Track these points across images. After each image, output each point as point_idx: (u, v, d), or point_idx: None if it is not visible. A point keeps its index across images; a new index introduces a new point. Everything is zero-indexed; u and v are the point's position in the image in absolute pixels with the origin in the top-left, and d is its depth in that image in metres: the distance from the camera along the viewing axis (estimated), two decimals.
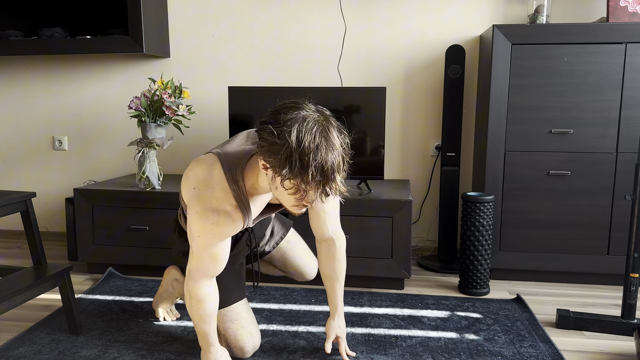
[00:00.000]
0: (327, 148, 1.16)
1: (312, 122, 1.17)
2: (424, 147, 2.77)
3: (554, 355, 1.67)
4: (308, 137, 1.15)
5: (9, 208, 1.73)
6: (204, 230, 1.38)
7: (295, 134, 1.15)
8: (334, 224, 1.61)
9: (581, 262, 2.30)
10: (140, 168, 2.36)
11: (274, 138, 1.16)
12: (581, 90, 2.21)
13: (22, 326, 1.91)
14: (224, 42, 2.83)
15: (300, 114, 1.18)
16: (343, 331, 1.67)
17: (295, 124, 1.16)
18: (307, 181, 1.15)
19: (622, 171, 2.23)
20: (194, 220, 1.38)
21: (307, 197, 1.19)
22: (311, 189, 1.17)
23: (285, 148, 1.14)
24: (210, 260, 1.44)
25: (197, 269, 1.45)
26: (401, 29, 2.70)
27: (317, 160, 1.15)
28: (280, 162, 1.15)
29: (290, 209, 1.28)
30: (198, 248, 1.42)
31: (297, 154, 1.14)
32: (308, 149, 1.14)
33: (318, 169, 1.15)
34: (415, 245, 2.85)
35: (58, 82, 3.01)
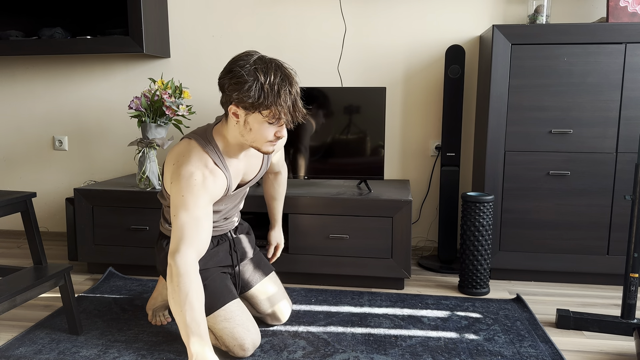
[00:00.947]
0: (287, 77, 1.44)
1: (267, 61, 1.44)
2: (424, 147, 2.77)
3: (554, 355, 1.68)
4: (271, 71, 1.42)
5: (9, 208, 1.73)
6: (189, 188, 1.45)
7: (262, 73, 1.41)
8: (282, 159, 1.93)
9: (581, 262, 2.30)
10: (141, 168, 2.37)
11: (243, 79, 1.40)
12: (581, 90, 2.21)
13: (22, 326, 1.91)
14: (224, 42, 2.83)
15: (256, 60, 1.44)
16: (282, 240, 2.04)
17: (258, 66, 1.42)
18: (280, 103, 1.41)
19: (622, 171, 2.24)
20: (179, 184, 1.46)
21: (281, 120, 1.44)
22: (284, 111, 1.43)
23: (257, 83, 1.40)
24: (195, 225, 1.44)
25: (182, 238, 1.42)
26: (401, 29, 2.70)
27: (285, 86, 1.42)
28: (256, 95, 1.40)
29: (264, 146, 1.50)
30: (183, 212, 1.44)
31: (268, 84, 1.40)
32: (275, 80, 1.41)
33: (287, 92, 1.42)
34: (415, 245, 2.85)
35: (58, 82, 3.01)
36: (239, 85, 1.41)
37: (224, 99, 1.48)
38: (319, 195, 2.24)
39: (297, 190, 2.36)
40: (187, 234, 1.43)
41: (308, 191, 2.34)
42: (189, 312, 1.38)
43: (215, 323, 1.63)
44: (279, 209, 2.01)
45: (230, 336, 1.62)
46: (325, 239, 2.24)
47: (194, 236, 1.44)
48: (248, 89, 1.40)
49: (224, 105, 1.49)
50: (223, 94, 1.48)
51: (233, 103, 1.44)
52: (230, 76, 1.43)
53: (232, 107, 1.45)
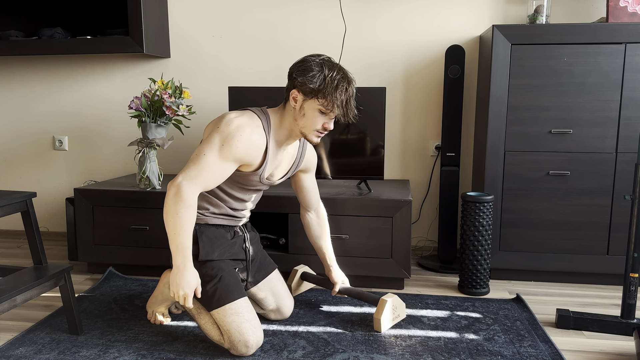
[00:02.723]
0: (347, 77, 1.63)
1: (333, 61, 1.64)
2: (424, 147, 2.77)
3: (554, 355, 1.68)
4: (335, 70, 1.61)
5: (9, 208, 1.73)
6: (232, 139, 1.57)
7: (327, 67, 1.60)
8: (318, 195, 2.00)
9: (581, 262, 2.30)
10: (141, 168, 2.37)
11: (311, 67, 1.59)
12: (581, 90, 2.21)
13: (22, 326, 1.91)
14: (224, 42, 2.84)
15: (325, 58, 1.63)
16: (346, 279, 2.02)
17: (326, 63, 1.61)
18: (335, 96, 1.58)
19: (621, 171, 2.24)
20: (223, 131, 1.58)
21: (333, 112, 1.61)
22: (337, 104, 1.59)
23: (321, 73, 1.59)
24: (216, 171, 1.57)
25: (199, 175, 1.55)
26: (401, 29, 2.70)
27: (344, 84, 1.60)
28: (317, 83, 1.58)
29: (311, 135, 1.65)
30: (213, 155, 1.56)
31: (329, 77, 1.58)
32: (337, 75, 1.60)
33: (344, 88, 1.60)
34: (415, 245, 2.85)
35: (58, 82, 3.01)
36: (306, 71, 1.60)
37: (288, 84, 1.65)
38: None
39: None
40: (206, 174, 1.56)
41: None
42: (182, 236, 1.54)
43: (225, 316, 1.64)
44: (329, 248, 2.02)
45: (237, 330, 1.62)
46: None
47: (210, 179, 1.57)
48: (312, 76, 1.58)
49: (287, 90, 1.66)
50: (289, 80, 1.65)
51: (296, 87, 1.61)
52: (300, 64, 1.62)
53: (294, 92, 1.62)
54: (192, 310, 1.74)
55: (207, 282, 1.68)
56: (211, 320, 1.69)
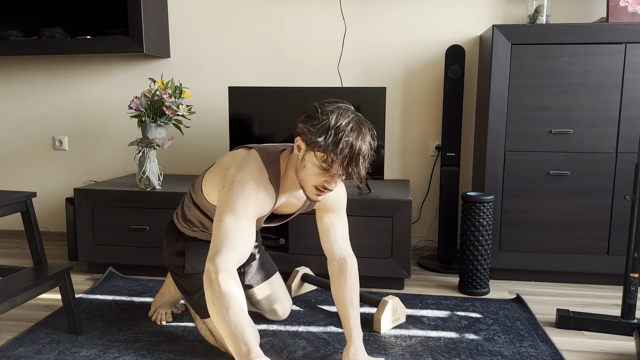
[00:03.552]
0: (359, 134, 1.34)
1: (350, 113, 1.38)
2: (424, 147, 2.77)
3: (554, 355, 1.68)
4: (345, 120, 1.34)
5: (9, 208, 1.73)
6: (242, 195, 1.38)
7: (335, 116, 1.34)
8: (345, 241, 1.64)
9: (581, 262, 2.30)
10: (141, 168, 2.37)
11: (316, 114, 1.36)
12: (581, 90, 2.21)
13: (22, 326, 1.91)
14: (224, 42, 2.83)
15: (341, 106, 1.38)
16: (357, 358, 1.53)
17: (337, 110, 1.36)
18: (336, 152, 1.32)
19: (622, 171, 2.24)
20: (232, 189, 1.39)
21: (332, 171, 1.34)
22: (337, 162, 1.32)
23: (325, 123, 1.34)
24: (240, 232, 1.34)
25: (225, 243, 1.31)
26: (401, 29, 2.70)
27: (349, 138, 1.32)
28: (317, 133, 1.33)
29: (310, 191, 1.41)
30: (230, 218, 1.35)
31: (334, 129, 1.32)
32: (343, 128, 1.33)
33: (348, 144, 1.32)
34: (415, 245, 2.85)
35: (58, 82, 3.01)
36: (310, 118, 1.37)
37: (296, 131, 1.44)
38: None
39: None
40: (232, 239, 1.33)
41: None
42: (233, 318, 1.23)
43: (214, 326, 1.63)
44: (353, 316, 1.59)
45: None
46: None
47: (239, 242, 1.34)
48: (315, 124, 1.34)
49: (295, 135, 1.44)
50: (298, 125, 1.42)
51: (300, 134, 1.39)
52: (310, 108, 1.40)
53: (298, 139, 1.40)
54: (191, 312, 1.74)
55: (195, 291, 1.66)
56: (205, 324, 1.68)
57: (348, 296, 1.60)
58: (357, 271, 1.64)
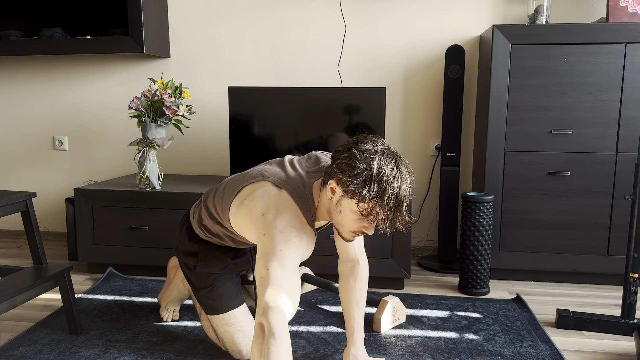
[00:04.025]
0: (402, 179, 1.28)
1: (389, 155, 1.30)
2: (424, 147, 2.77)
3: (554, 355, 1.68)
4: (387, 167, 1.27)
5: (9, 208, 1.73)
6: (288, 243, 1.27)
7: (377, 162, 1.27)
8: (360, 244, 1.63)
9: (581, 262, 2.30)
10: (141, 168, 2.37)
11: (356, 162, 1.27)
12: (581, 90, 2.21)
13: (22, 326, 1.91)
14: (224, 42, 2.84)
15: (377, 147, 1.30)
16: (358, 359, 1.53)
17: (377, 156, 1.28)
18: (381, 205, 1.26)
19: (622, 171, 2.24)
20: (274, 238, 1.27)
21: (375, 222, 1.31)
22: (383, 214, 1.28)
23: (367, 172, 1.26)
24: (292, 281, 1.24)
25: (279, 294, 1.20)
26: (401, 29, 2.70)
27: (394, 188, 1.26)
28: (361, 185, 1.26)
29: (346, 234, 1.36)
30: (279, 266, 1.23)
31: (377, 179, 1.26)
32: (387, 177, 1.26)
33: (393, 195, 1.26)
34: (415, 245, 2.85)
35: (58, 82, 3.01)
36: (349, 167, 1.28)
37: (329, 170, 1.34)
38: None
39: None
40: (284, 292, 1.21)
41: None
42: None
43: (218, 325, 1.64)
44: (357, 318, 1.59)
45: (230, 341, 1.63)
46: (325, 238, 2.24)
47: (291, 291, 1.23)
48: (356, 175, 1.27)
49: (326, 175, 1.35)
50: (331, 165, 1.33)
51: (335, 179, 1.31)
52: (346, 154, 1.30)
53: (333, 183, 1.32)
54: (196, 308, 1.74)
55: (202, 288, 1.65)
56: (209, 322, 1.69)
57: (355, 297, 1.60)
58: (367, 274, 1.64)
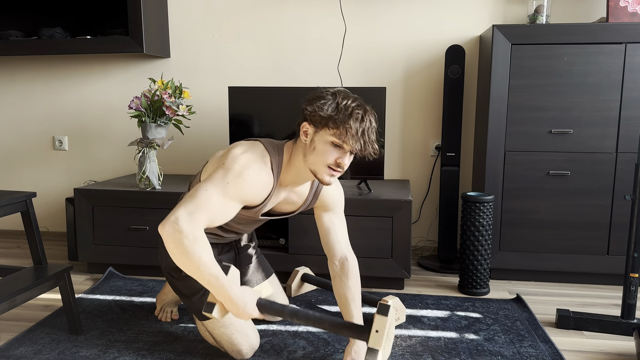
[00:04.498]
0: (365, 110, 1.43)
1: (350, 93, 1.46)
2: (424, 147, 2.77)
3: (554, 355, 1.68)
4: (351, 99, 1.43)
5: (9, 208, 1.73)
6: (238, 180, 1.40)
7: (342, 95, 1.43)
8: (345, 240, 1.69)
9: (581, 262, 2.30)
10: (141, 168, 2.37)
11: (322, 95, 1.43)
12: (581, 90, 2.21)
13: (22, 326, 1.91)
14: (224, 42, 2.83)
15: (343, 89, 1.47)
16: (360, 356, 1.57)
17: (342, 92, 1.45)
18: (349, 124, 1.39)
19: (622, 171, 2.24)
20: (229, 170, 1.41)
21: (346, 144, 1.40)
22: (351, 134, 1.39)
23: (333, 101, 1.41)
24: (221, 207, 1.38)
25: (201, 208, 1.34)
26: (401, 29, 2.70)
27: (359, 113, 1.41)
28: (329, 110, 1.40)
29: (322, 172, 1.44)
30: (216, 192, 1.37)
31: (343, 105, 1.40)
32: (351, 102, 1.42)
33: (359, 116, 1.40)
34: (415, 245, 2.85)
35: (58, 82, 3.01)
36: (316, 100, 1.43)
37: (300, 119, 1.48)
38: None
39: None
40: (208, 211, 1.36)
41: None
42: (206, 271, 1.33)
43: (215, 328, 1.62)
44: (356, 314, 1.64)
45: (228, 342, 1.62)
46: None
47: (214, 214, 1.38)
48: (323, 103, 1.41)
49: (298, 125, 1.49)
50: (301, 115, 1.48)
51: (307, 119, 1.45)
52: (311, 96, 1.46)
53: (305, 125, 1.45)
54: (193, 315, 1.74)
55: (193, 294, 1.65)
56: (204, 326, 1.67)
57: (350, 295, 1.64)
58: (358, 269, 1.68)
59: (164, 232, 1.32)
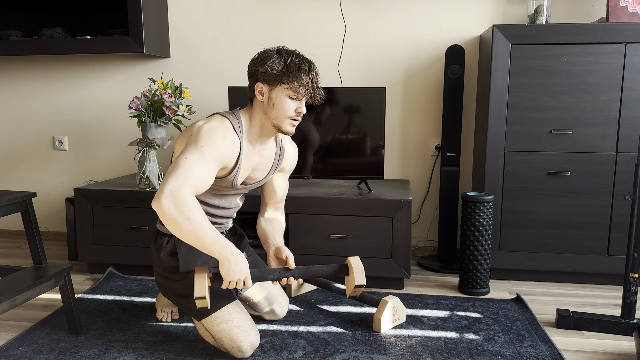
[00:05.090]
0: (309, 61, 1.60)
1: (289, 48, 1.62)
2: (424, 147, 2.77)
3: (554, 355, 1.68)
4: (294, 54, 1.59)
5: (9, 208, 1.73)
6: (209, 140, 1.52)
7: (286, 53, 1.59)
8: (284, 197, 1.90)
9: (581, 262, 2.30)
10: (141, 168, 2.37)
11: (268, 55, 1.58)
12: (581, 90, 2.21)
13: (22, 326, 1.91)
14: (224, 42, 2.84)
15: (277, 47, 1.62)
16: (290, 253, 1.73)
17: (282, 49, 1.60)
18: (300, 77, 1.56)
19: (622, 171, 2.24)
20: (198, 136, 1.53)
21: (300, 95, 1.58)
22: (303, 84, 1.56)
23: (281, 59, 1.57)
24: (203, 170, 1.49)
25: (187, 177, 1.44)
26: (401, 29, 2.70)
27: (305, 65, 1.58)
28: (279, 67, 1.56)
29: (285, 124, 1.61)
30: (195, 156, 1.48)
31: (290, 61, 1.56)
32: (297, 60, 1.57)
33: (307, 69, 1.57)
34: (415, 245, 2.85)
35: (58, 82, 3.01)
36: (265, 60, 1.57)
37: (250, 81, 1.62)
38: (319, 195, 2.24)
39: (297, 190, 2.36)
40: (195, 175, 1.46)
41: (308, 191, 2.34)
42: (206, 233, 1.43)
43: (214, 325, 1.62)
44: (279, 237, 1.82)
45: (228, 339, 1.61)
46: (325, 239, 2.24)
47: (199, 178, 1.48)
48: (272, 62, 1.56)
49: (250, 87, 1.63)
50: (250, 77, 1.62)
51: (259, 80, 1.59)
52: (257, 58, 1.60)
53: (259, 85, 1.60)
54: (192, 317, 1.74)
55: (191, 293, 1.66)
56: (204, 326, 1.67)
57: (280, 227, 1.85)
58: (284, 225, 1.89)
59: (161, 205, 1.39)
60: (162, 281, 1.74)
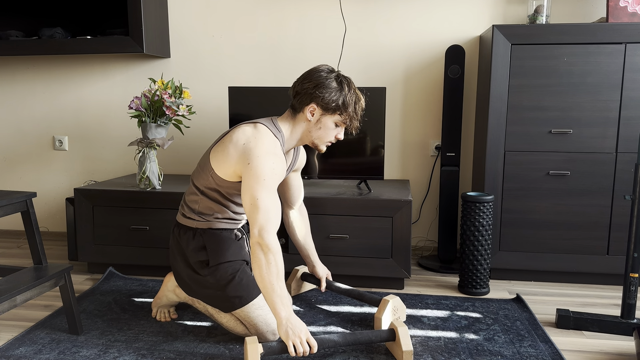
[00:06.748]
0: (359, 94, 1.76)
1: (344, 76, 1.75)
2: (424, 147, 2.77)
3: (554, 355, 1.68)
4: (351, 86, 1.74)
5: (9, 208, 1.73)
6: (269, 170, 1.59)
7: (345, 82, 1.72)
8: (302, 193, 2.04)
9: (581, 262, 2.30)
10: (141, 168, 2.37)
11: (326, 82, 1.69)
12: (581, 90, 2.21)
13: (22, 326, 1.91)
14: (224, 42, 2.84)
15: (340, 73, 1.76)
16: (329, 272, 2.08)
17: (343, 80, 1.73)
18: (356, 112, 1.74)
19: (621, 171, 2.24)
20: (258, 164, 1.59)
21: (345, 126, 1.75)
22: (354, 120, 1.74)
23: (342, 92, 1.70)
24: (277, 207, 1.59)
25: (269, 219, 1.54)
26: (401, 29, 2.70)
27: (360, 101, 1.75)
28: (340, 102, 1.70)
29: (322, 145, 1.77)
30: (266, 195, 1.56)
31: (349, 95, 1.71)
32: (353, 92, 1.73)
33: (361, 106, 1.76)
34: (415, 245, 2.85)
35: (58, 82, 3.01)
36: (326, 87, 1.68)
37: (302, 98, 1.71)
38: (319, 196, 2.24)
39: None
40: (273, 215, 1.56)
41: (308, 191, 2.34)
42: (280, 285, 1.52)
43: (251, 311, 1.69)
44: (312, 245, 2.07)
45: (264, 322, 1.69)
46: (325, 239, 2.24)
47: (278, 217, 1.58)
48: (332, 93, 1.68)
49: (301, 104, 1.72)
50: (302, 95, 1.71)
51: (314, 102, 1.69)
52: (315, 80, 1.69)
53: (312, 106, 1.70)
54: (210, 310, 1.77)
55: (226, 285, 1.70)
56: (233, 317, 1.73)
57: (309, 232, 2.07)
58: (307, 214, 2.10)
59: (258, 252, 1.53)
60: (189, 273, 1.76)
